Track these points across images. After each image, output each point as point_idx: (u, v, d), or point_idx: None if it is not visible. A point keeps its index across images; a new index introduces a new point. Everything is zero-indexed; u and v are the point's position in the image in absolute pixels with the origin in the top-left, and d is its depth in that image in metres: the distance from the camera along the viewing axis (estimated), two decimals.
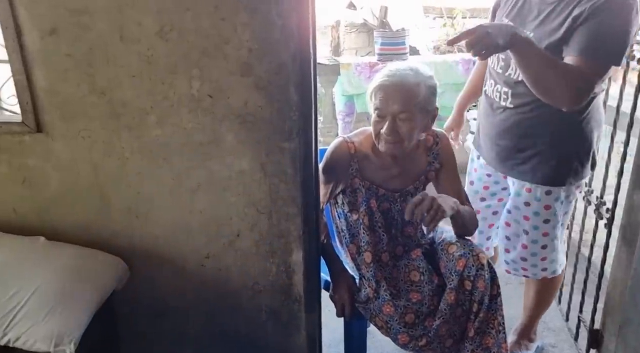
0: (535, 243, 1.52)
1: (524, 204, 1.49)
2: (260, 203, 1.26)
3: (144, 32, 1.10)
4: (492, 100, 1.50)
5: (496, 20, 1.50)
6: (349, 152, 1.39)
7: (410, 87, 1.29)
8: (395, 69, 1.33)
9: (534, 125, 1.41)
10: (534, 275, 1.59)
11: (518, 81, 1.39)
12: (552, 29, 1.30)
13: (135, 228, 1.28)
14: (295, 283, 1.35)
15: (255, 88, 1.15)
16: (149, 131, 1.18)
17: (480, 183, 1.66)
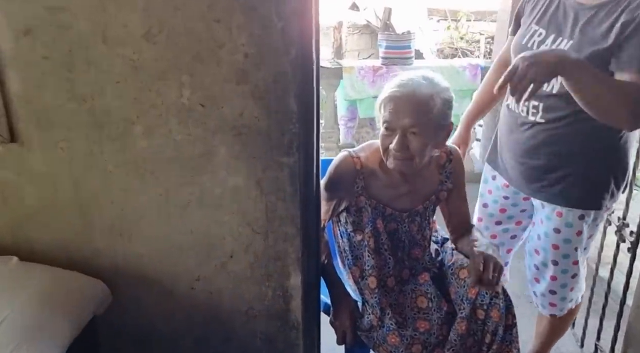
0: (565, 273, 1.40)
1: (553, 231, 1.37)
2: (256, 223, 1.15)
3: (129, 34, 1.00)
4: (518, 115, 1.36)
5: (522, 28, 1.37)
6: (354, 168, 1.28)
7: (423, 99, 1.18)
8: (408, 78, 1.21)
9: (568, 142, 1.28)
10: (561, 311, 1.47)
11: (551, 94, 1.26)
12: (595, 37, 1.18)
13: (119, 248, 1.17)
14: (293, 308, 1.24)
15: (252, 97, 1.05)
16: (134, 143, 1.08)
17: (496, 206, 1.54)
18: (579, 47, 1.20)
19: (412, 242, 1.34)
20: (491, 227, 1.58)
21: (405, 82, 1.20)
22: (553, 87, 1.25)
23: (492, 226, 1.58)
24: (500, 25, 3.13)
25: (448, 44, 7.50)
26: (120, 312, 1.20)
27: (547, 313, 1.50)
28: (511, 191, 1.48)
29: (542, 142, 1.31)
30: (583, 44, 1.20)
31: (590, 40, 1.19)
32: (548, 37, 1.27)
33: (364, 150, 1.32)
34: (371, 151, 1.30)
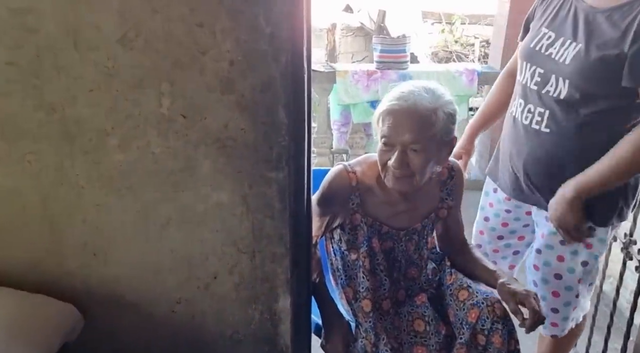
0: (569, 290, 1.33)
1: (560, 243, 1.29)
2: (242, 242, 1.07)
3: (103, 38, 0.91)
4: (522, 124, 1.29)
5: (531, 32, 1.30)
6: (349, 184, 1.20)
7: (425, 114, 1.10)
8: (408, 90, 1.12)
9: (576, 153, 1.20)
10: (562, 331, 1.40)
11: (560, 100, 1.19)
12: (606, 41, 1.11)
13: (93, 269, 1.08)
14: (282, 333, 1.16)
15: (238, 107, 0.97)
16: (109, 156, 0.99)
17: (498, 220, 1.47)
18: (587, 50, 1.14)
19: (409, 261, 1.26)
20: (493, 242, 1.51)
21: (406, 94, 1.11)
22: (560, 91, 1.18)
23: (494, 240, 1.51)
24: (496, 29, 3.07)
25: (442, 48, 7.47)
26: (94, 339, 1.11)
27: (548, 333, 1.44)
28: (513, 204, 1.41)
29: (548, 153, 1.24)
30: (591, 48, 1.14)
31: (601, 45, 1.12)
32: (557, 40, 1.21)
33: (361, 164, 1.23)
34: (368, 165, 1.22)
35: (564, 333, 1.41)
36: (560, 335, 1.42)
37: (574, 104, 1.17)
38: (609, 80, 1.12)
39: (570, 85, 1.16)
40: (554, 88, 1.19)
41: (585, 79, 1.14)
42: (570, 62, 1.16)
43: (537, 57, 1.24)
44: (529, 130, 1.27)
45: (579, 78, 1.15)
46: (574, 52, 1.16)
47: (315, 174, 1.29)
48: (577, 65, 1.15)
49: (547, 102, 1.22)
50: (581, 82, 1.15)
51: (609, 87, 1.13)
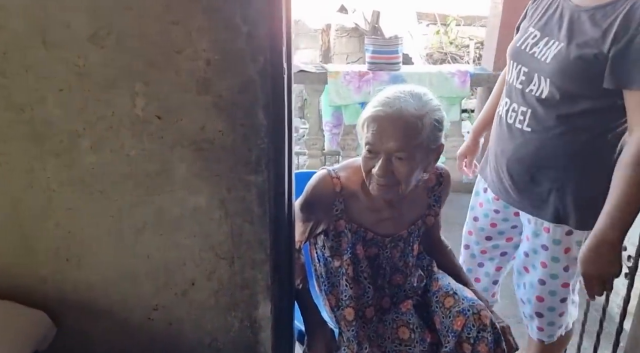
0: (553, 295, 1.31)
1: (541, 248, 1.28)
2: (220, 247, 1.04)
3: (73, 36, 0.88)
4: (506, 123, 1.27)
5: (521, 32, 1.28)
6: (333, 190, 1.16)
7: (411, 121, 1.05)
8: (394, 96, 1.08)
9: (557, 154, 1.18)
10: (550, 338, 1.38)
11: (542, 99, 1.17)
12: (587, 41, 1.09)
13: (66, 275, 1.05)
14: (262, 340, 1.12)
15: (215, 109, 0.93)
16: (81, 158, 0.96)
17: (487, 220, 1.44)
18: (567, 49, 1.12)
19: (394, 268, 1.23)
20: (481, 242, 1.49)
21: (391, 100, 1.07)
22: (542, 90, 1.17)
23: (482, 241, 1.48)
24: (489, 30, 3.05)
25: (437, 49, 7.45)
26: (67, 347, 1.08)
27: (535, 337, 1.42)
28: (501, 205, 1.39)
29: (530, 153, 1.22)
30: (571, 47, 1.12)
31: (581, 44, 1.11)
32: (542, 39, 1.19)
33: (345, 169, 1.19)
34: (353, 170, 1.17)
35: (552, 339, 1.39)
36: (547, 341, 1.40)
37: (555, 103, 1.15)
38: (588, 80, 1.10)
39: (551, 84, 1.15)
40: (537, 87, 1.18)
41: (565, 78, 1.12)
42: (550, 60, 1.14)
43: (522, 56, 1.22)
44: (512, 129, 1.25)
45: (558, 77, 1.13)
46: (555, 51, 1.14)
47: (298, 177, 1.26)
48: (557, 63, 1.13)
49: (530, 101, 1.20)
50: (560, 81, 1.13)
51: (588, 86, 1.11)
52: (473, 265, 1.53)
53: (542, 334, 1.39)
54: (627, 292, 1.28)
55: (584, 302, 1.54)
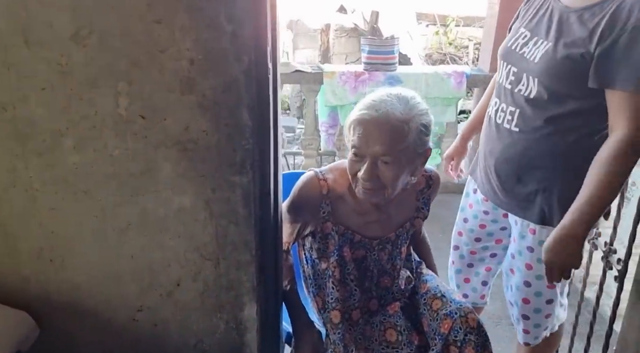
0: (538, 296, 1.30)
1: (527, 249, 1.27)
2: (205, 248, 1.03)
3: (55, 35, 0.87)
4: (494, 123, 1.27)
5: (512, 33, 1.28)
6: (320, 192, 1.14)
7: (397, 126, 1.04)
8: (381, 99, 1.07)
9: (544, 155, 1.18)
10: (535, 339, 1.37)
11: (530, 99, 1.16)
12: (574, 40, 1.09)
13: (50, 275, 1.04)
14: (248, 342, 1.12)
15: (199, 108, 0.93)
16: (64, 158, 0.95)
17: (476, 222, 1.44)
18: (555, 49, 1.12)
19: (381, 270, 1.22)
20: (471, 244, 1.48)
21: (377, 103, 1.06)
22: (531, 90, 1.16)
23: (471, 242, 1.48)
24: (486, 31, 3.05)
25: (437, 49, 7.44)
26: (51, 348, 1.07)
27: (521, 340, 1.41)
28: (491, 206, 1.38)
29: (517, 153, 1.22)
30: (559, 47, 1.12)
31: (569, 43, 1.10)
32: (531, 39, 1.19)
33: (332, 171, 1.18)
34: (340, 173, 1.16)
35: (537, 341, 1.38)
36: (533, 343, 1.38)
37: (543, 103, 1.14)
38: (575, 80, 1.10)
39: (539, 83, 1.14)
40: (525, 87, 1.17)
41: (552, 78, 1.12)
42: (538, 60, 1.14)
43: (512, 56, 1.22)
44: (500, 130, 1.25)
45: (546, 76, 1.13)
46: (543, 51, 1.14)
47: (287, 177, 1.25)
48: (545, 63, 1.13)
49: (518, 101, 1.19)
50: (548, 81, 1.13)
51: (575, 86, 1.10)
52: (462, 266, 1.52)
53: (528, 337, 1.38)
54: (617, 295, 1.27)
55: (576, 304, 1.54)
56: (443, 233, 1.99)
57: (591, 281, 1.50)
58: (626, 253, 1.24)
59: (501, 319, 2.01)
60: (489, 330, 1.94)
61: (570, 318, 1.47)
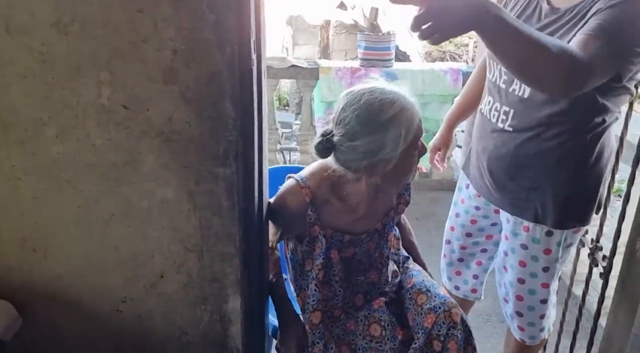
0: (532, 294, 1.30)
1: (520, 247, 1.27)
2: (189, 240, 1.03)
3: (37, 23, 0.86)
4: (488, 121, 1.26)
5: None
6: (304, 201, 1.12)
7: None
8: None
9: (537, 154, 1.17)
10: (531, 339, 1.37)
11: (524, 99, 1.15)
12: (561, 39, 1.07)
13: (33, 265, 1.04)
14: (232, 335, 1.11)
15: (182, 99, 0.92)
16: (47, 147, 0.94)
17: (467, 217, 1.43)
18: None
19: (370, 261, 1.22)
20: (462, 238, 1.48)
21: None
22: (524, 90, 1.15)
23: (462, 237, 1.48)
24: None
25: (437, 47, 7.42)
26: (33, 338, 1.07)
27: (518, 337, 1.41)
28: (482, 201, 1.38)
29: (510, 152, 1.21)
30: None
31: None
32: None
33: (314, 176, 1.14)
34: (322, 176, 1.13)
35: (534, 341, 1.37)
36: (529, 342, 1.38)
37: (537, 103, 1.13)
38: None
39: None
40: (519, 86, 1.17)
41: None
42: None
43: None
44: (494, 128, 1.24)
45: None
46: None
47: (270, 173, 1.24)
48: None
49: (513, 100, 1.19)
50: None
51: None
52: (454, 259, 1.52)
53: (524, 334, 1.38)
54: (602, 292, 1.27)
55: (563, 301, 1.54)
56: (437, 230, 1.98)
57: (579, 279, 1.50)
58: (611, 250, 1.24)
59: (491, 316, 2.01)
60: (479, 326, 1.96)
61: (557, 314, 1.47)
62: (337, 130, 1.04)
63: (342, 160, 1.05)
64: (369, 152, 1.01)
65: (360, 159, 1.02)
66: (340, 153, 1.04)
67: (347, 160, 1.04)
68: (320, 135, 1.07)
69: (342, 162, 1.05)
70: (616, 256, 1.26)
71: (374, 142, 1.00)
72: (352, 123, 1.01)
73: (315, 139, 1.08)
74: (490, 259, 1.50)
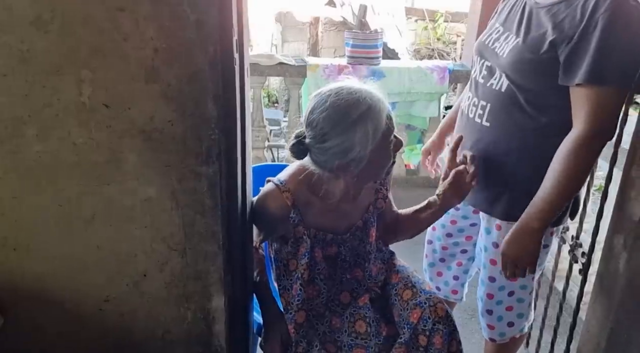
0: (501, 290, 1.31)
1: (492, 245, 1.28)
2: (172, 239, 1.03)
3: (15, 20, 0.85)
4: (467, 117, 1.27)
5: (488, 28, 1.28)
6: (286, 205, 1.12)
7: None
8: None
9: (511, 150, 1.18)
10: (501, 336, 1.38)
11: (500, 93, 1.17)
12: (540, 37, 1.09)
13: (14, 264, 1.03)
14: (216, 333, 1.12)
15: (164, 98, 0.92)
16: (27, 146, 0.94)
17: (448, 217, 1.44)
18: (522, 44, 1.12)
19: (354, 259, 1.22)
20: (443, 239, 1.50)
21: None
22: (502, 85, 1.17)
23: (443, 238, 1.49)
24: (469, 27, 3.06)
25: (425, 45, 7.45)
26: (15, 338, 1.06)
27: (486, 336, 1.42)
28: None
29: (487, 147, 1.22)
30: (526, 42, 1.12)
31: (535, 39, 1.10)
32: (503, 34, 1.20)
33: (293, 178, 1.14)
34: (300, 178, 1.13)
35: (503, 338, 1.39)
36: (499, 340, 1.39)
37: (514, 98, 1.15)
38: (541, 76, 1.10)
39: (507, 78, 1.15)
40: (497, 81, 1.18)
41: (518, 73, 1.13)
42: (507, 55, 1.14)
43: (485, 51, 1.23)
44: (472, 124, 1.25)
45: (512, 71, 1.14)
46: (511, 46, 1.14)
47: (254, 171, 1.24)
48: (511, 58, 1.13)
49: (490, 95, 1.20)
50: (515, 76, 1.14)
51: (544, 82, 1.11)
52: (435, 260, 1.54)
53: (493, 333, 1.39)
54: (581, 287, 1.30)
55: (545, 297, 1.56)
56: None
57: (560, 275, 1.53)
58: (590, 247, 1.26)
59: (475, 312, 2.02)
60: (464, 322, 1.98)
61: (540, 310, 1.49)
62: (308, 133, 1.05)
63: (316, 161, 1.06)
64: (339, 153, 1.02)
65: (331, 160, 1.03)
66: (314, 154, 1.05)
67: (320, 161, 1.05)
68: (294, 137, 1.08)
69: (316, 162, 1.06)
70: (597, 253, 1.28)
71: (343, 144, 1.01)
72: (320, 125, 1.02)
73: (289, 141, 1.09)
74: (470, 260, 1.51)
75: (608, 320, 1.17)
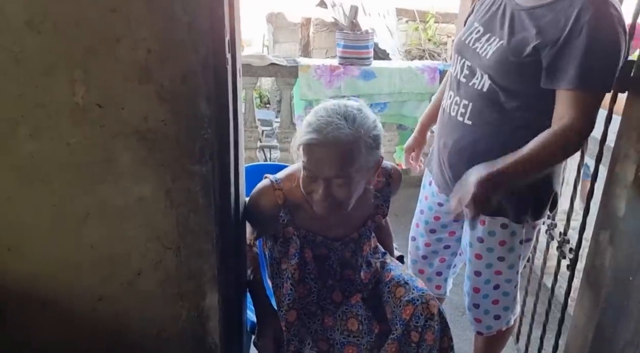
0: (487, 283, 1.34)
1: (477, 240, 1.31)
2: (166, 238, 1.04)
3: (8, 21, 0.86)
4: (449, 116, 1.29)
5: (467, 26, 1.29)
6: (276, 203, 1.13)
7: (346, 149, 1.01)
8: (327, 121, 1.01)
9: (494, 148, 1.19)
10: (488, 329, 1.40)
11: (483, 93, 1.19)
12: (524, 40, 1.11)
13: (8, 265, 1.03)
14: (210, 330, 1.13)
15: (157, 98, 0.93)
16: (20, 146, 0.94)
17: (431, 213, 1.47)
18: (506, 46, 1.14)
19: (344, 265, 1.24)
20: (426, 235, 1.51)
21: (324, 126, 1.01)
22: (484, 85, 1.19)
23: (426, 234, 1.51)
24: (458, 27, 3.09)
25: (416, 45, 7.50)
26: (9, 338, 1.06)
27: (474, 330, 1.44)
28: (444, 197, 1.41)
29: (467, 146, 1.24)
30: (510, 44, 1.14)
31: (519, 41, 1.12)
32: (484, 35, 1.21)
33: (289, 179, 1.14)
34: (296, 181, 1.12)
35: (490, 331, 1.41)
36: (486, 333, 1.42)
37: (495, 98, 1.17)
38: (525, 77, 1.12)
39: (490, 79, 1.17)
40: (479, 81, 1.20)
41: (502, 74, 1.15)
42: (490, 56, 1.16)
43: (465, 50, 1.24)
44: (454, 122, 1.27)
45: (496, 73, 1.16)
46: (495, 48, 1.16)
47: (247, 171, 1.25)
48: (496, 60, 1.15)
49: (472, 94, 1.22)
50: (498, 77, 1.16)
51: (526, 84, 1.13)
52: (417, 257, 1.56)
53: (481, 326, 1.41)
54: (569, 283, 1.32)
55: (534, 293, 1.59)
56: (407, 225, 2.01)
57: (549, 271, 1.55)
58: (577, 243, 1.29)
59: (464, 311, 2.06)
60: (456, 319, 2.01)
61: (529, 306, 1.52)
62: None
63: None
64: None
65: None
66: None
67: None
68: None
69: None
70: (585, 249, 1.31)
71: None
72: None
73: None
74: (453, 255, 1.53)
75: (595, 314, 1.20)
